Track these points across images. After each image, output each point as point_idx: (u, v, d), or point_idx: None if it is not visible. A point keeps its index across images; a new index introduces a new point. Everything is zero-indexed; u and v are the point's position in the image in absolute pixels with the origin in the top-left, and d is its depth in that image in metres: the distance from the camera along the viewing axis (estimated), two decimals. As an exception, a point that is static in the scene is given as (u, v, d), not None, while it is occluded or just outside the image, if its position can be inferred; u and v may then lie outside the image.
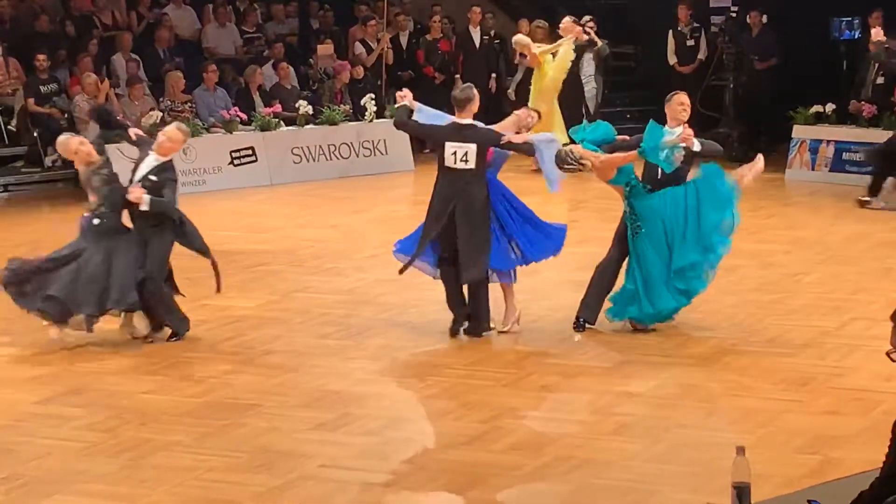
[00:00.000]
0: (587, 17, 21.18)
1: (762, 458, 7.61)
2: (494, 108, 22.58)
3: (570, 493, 7.57)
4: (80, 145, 10.78)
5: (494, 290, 10.95)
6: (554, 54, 19.58)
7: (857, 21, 20.24)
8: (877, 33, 12.60)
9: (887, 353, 4.95)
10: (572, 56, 19.65)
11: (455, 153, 10.58)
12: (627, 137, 10.85)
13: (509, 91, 21.83)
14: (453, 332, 10.80)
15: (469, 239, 10.59)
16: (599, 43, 20.57)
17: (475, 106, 10.80)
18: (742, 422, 8.69)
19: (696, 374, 9.75)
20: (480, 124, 10.80)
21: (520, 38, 19.82)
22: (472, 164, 10.56)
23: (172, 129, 10.99)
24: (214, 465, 7.95)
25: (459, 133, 10.61)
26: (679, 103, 10.96)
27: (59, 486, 7.72)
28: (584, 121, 20.78)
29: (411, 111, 10.97)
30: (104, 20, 21.26)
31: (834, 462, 7.73)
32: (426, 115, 11.06)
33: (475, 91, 10.97)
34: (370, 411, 8.94)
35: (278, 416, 8.82)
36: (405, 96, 11.12)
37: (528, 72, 22.08)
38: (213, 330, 11.14)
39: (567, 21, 19.82)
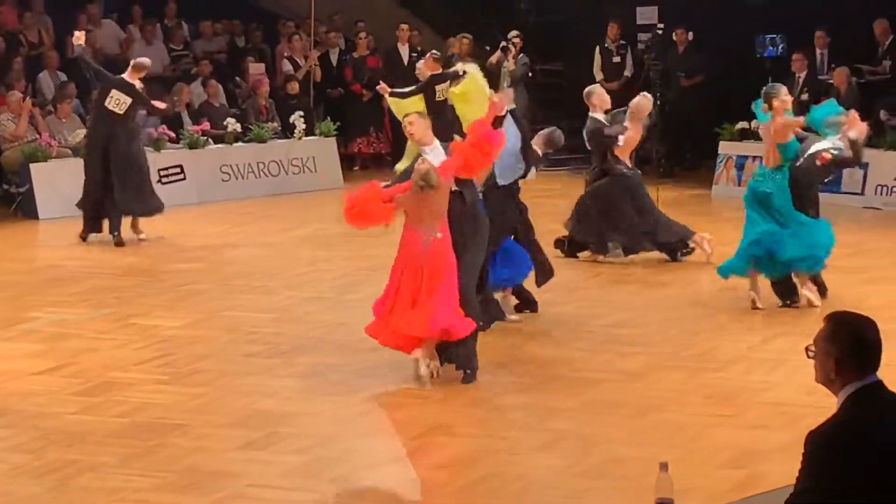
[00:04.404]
0: (514, 33, 21.34)
1: (689, 473, 7.65)
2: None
3: (499, 509, 7.58)
4: None
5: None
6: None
7: (780, 38, 20.48)
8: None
9: (806, 349, 5.00)
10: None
11: None
12: None
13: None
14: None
15: None
16: (509, 62, 20.81)
17: None
18: (670, 437, 8.73)
19: (625, 390, 9.79)
20: None
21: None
22: None
23: None
24: (141, 485, 7.89)
25: None
26: None
27: (-17, 508, 7.63)
28: None
29: None
30: (30, 38, 21.08)
31: (759, 476, 7.79)
32: None
33: None
34: (298, 430, 8.89)
35: (205, 436, 8.76)
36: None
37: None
38: (139, 349, 11.04)
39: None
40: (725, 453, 8.32)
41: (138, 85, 15.96)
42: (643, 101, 14.37)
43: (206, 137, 19.42)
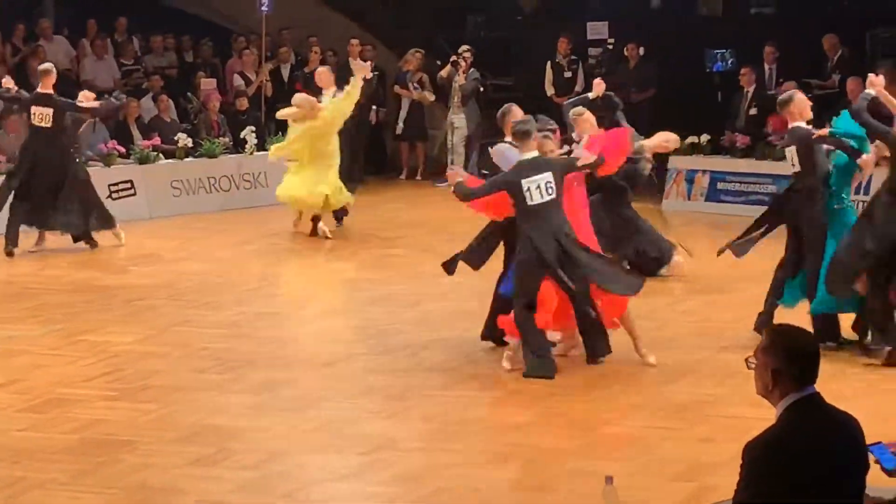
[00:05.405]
0: (464, 47, 21.47)
1: (640, 486, 7.71)
2: (376, 140, 22.76)
3: (449, 524, 7.59)
4: None
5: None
6: None
7: (730, 52, 20.64)
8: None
9: (746, 360, 5.07)
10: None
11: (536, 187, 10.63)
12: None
13: (399, 125, 22.26)
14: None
15: (595, 260, 10.74)
16: (460, 76, 21.04)
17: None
18: (621, 450, 8.78)
19: (576, 403, 9.83)
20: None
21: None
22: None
23: None
24: (90, 502, 7.86)
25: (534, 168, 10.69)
26: None
27: (-69, 527, 7.58)
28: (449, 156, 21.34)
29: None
30: (-23, 53, 20.97)
31: (708, 488, 7.81)
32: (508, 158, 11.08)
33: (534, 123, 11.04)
34: (249, 445, 8.87)
35: (155, 452, 8.73)
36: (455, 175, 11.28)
37: (415, 105, 22.35)
38: (90, 365, 10.98)
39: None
40: (675, 466, 8.36)
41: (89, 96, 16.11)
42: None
43: (156, 152, 19.33)
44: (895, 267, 10.85)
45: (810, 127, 11.48)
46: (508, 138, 11.22)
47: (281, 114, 17.20)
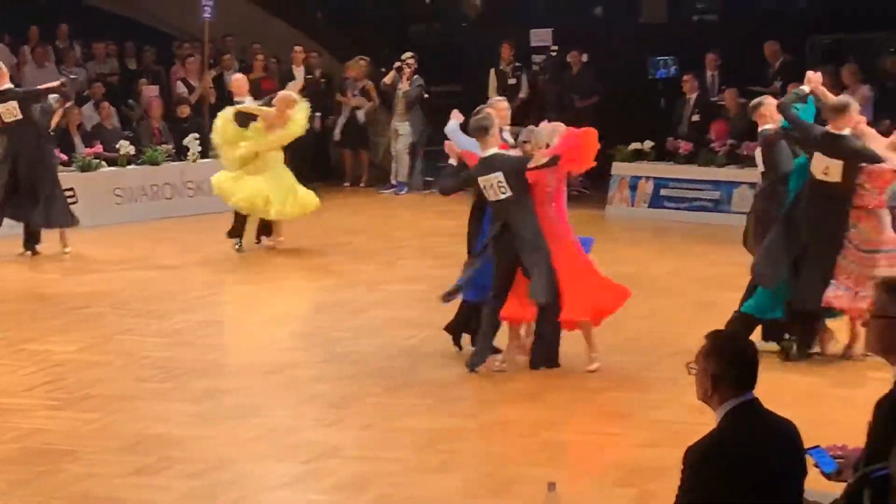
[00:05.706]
0: (408, 54, 21.51)
1: (581, 492, 7.73)
2: (321, 148, 22.73)
3: (392, 531, 7.59)
4: None
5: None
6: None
7: (672, 60, 20.79)
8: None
9: (687, 365, 5.12)
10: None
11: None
12: None
13: (336, 132, 22.24)
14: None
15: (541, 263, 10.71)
16: (404, 83, 21.11)
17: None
18: (563, 456, 8.81)
19: (519, 409, 9.84)
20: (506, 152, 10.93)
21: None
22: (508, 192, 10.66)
23: None
24: (31, 513, 7.80)
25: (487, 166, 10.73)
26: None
27: None
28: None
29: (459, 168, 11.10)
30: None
31: (650, 494, 7.86)
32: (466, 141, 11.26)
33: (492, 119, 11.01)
34: (191, 454, 8.83)
35: (98, 462, 8.67)
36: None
37: (356, 112, 22.36)
38: (31, 374, 10.90)
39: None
40: (617, 472, 8.39)
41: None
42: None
43: (98, 160, 19.22)
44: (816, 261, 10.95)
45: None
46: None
47: (250, 108, 16.71)
